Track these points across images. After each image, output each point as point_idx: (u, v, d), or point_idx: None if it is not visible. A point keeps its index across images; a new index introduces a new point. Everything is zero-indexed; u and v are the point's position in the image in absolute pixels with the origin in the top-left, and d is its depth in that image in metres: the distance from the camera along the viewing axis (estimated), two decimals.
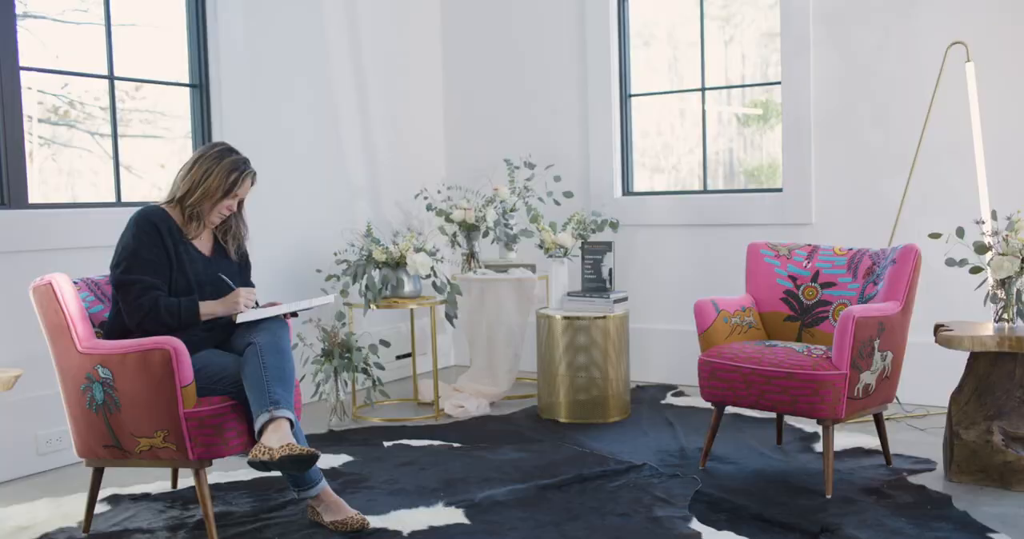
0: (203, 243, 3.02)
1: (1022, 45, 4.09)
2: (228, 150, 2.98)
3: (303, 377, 4.00)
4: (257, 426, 2.64)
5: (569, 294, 4.29)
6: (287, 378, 2.76)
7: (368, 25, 5.13)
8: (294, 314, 3.07)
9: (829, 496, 3.07)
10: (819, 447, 3.62)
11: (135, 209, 2.95)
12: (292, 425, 2.67)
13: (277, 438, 2.60)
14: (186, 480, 3.33)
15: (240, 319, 2.91)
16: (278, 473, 2.75)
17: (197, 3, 4.26)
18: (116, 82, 4.01)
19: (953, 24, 4.18)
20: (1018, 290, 3.25)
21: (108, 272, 2.93)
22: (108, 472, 3.07)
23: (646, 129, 5.30)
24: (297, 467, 2.60)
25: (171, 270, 2.87)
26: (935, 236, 3.41)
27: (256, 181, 3.01)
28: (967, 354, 3.27)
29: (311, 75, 4.78)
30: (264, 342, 2.80)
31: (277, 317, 2.97)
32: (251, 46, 4.42)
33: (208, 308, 2.88)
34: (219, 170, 2.91)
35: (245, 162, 2.98)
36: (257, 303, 3.05)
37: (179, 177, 2.96)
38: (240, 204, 3.04)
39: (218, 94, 4.29)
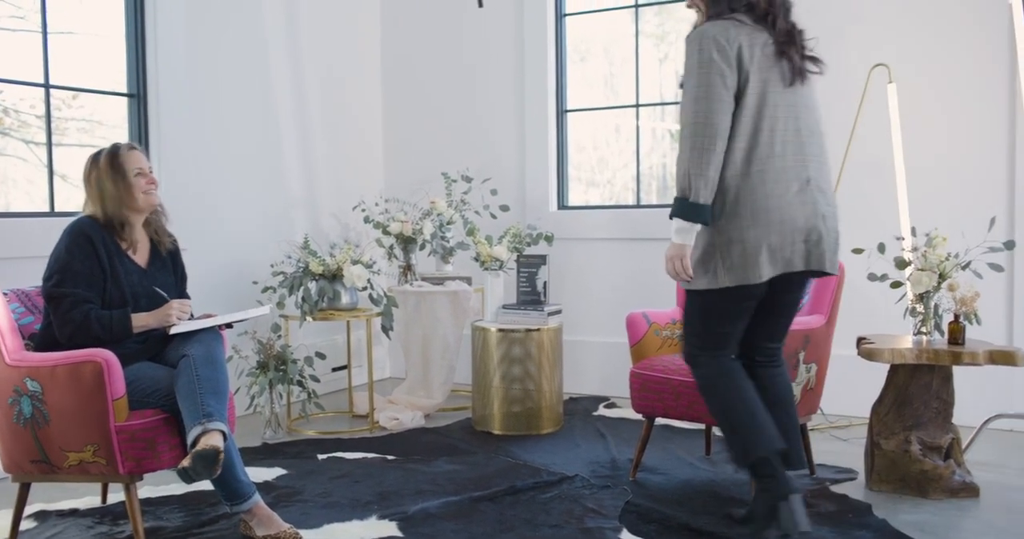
0: (139, 255, 3.00)
1: (940, 68, 4.26)
2: (97, 153, 2.99)
3: (238, 389, 3.97)
4: (190, 438, 2.63)
5: (504, 307, 4.33)
6: (221, 390, 2.75)
7: (308, 38, 5.13)
8: (229, 325, 3.06)
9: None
10: None
11: (69, 219, 2.93)
12: (225, 437, 2.66)
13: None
14: (116, 495, 3.28)
15: (174, 331, 2.90)
16: (207, 483, 2.73)
17: (136, 12, 4.22)
18: (53, 90, 3.95)
19: (877, 47, 4.33)
20: (936, 304, 3.38)
21: (40, 283, 2.90)
22: (35, 487, 3.01)
23: (582, 144, 5.38)
24: (204, 463, 2.55)
25: (105, 282, 2.85)
26: (858, 251, 3.52)
27: (140, 148, 3.04)
28: (888, 366, 3.39)
29: (250, 86, 4.77)
30: (198, 354, 2.79)
31: (212, 329, 2.96)
32: (190, 56, 4.39)
33: (141, 321, 2.86)
34: (102, 167, 2.93)
35: (114, 145, 3.00)
36: (192, 315, 3.03)
37: (86, 204, 2.98)
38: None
39: (156, 104, 4.25)
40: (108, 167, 2.93)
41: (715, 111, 2.59)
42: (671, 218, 2.68)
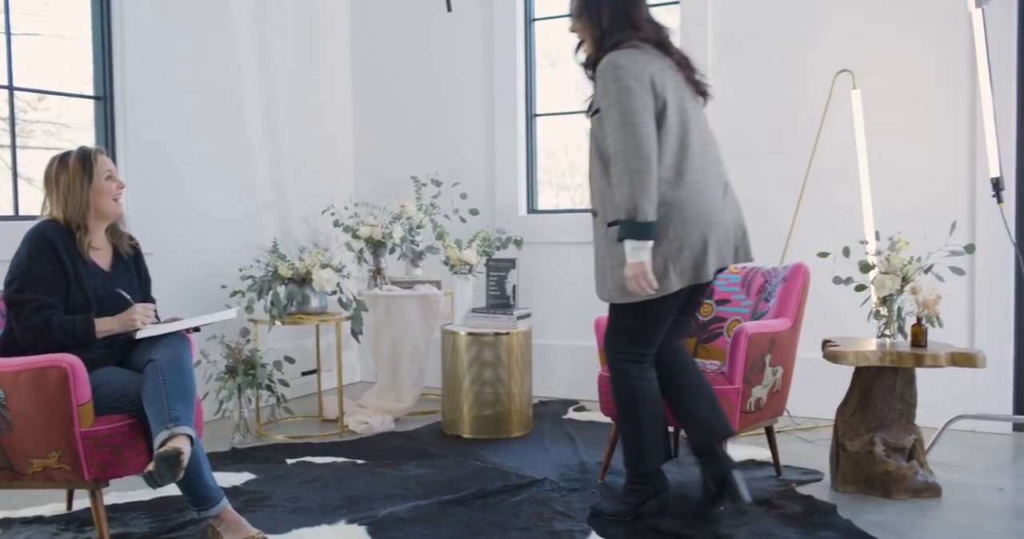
0: (102, 258, 2.98)
1: (903, 74, 4.32)
2: (64, 154, 2.96)
3: (206, 394, 3.95)
4: (156, 443, 2.60)
5: (473, 310, 4.34)
6: (188, 395, 2.74)
7: (277, 41, 5.11)
8: (196, 329, 3.04)
9: (723, 507, 3.18)
10: None
11: (34, 223, 2.91)
12: (192, 442, 2.65)
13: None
14: (82, 501, 3.25)
15: (140, 335, 2.88)
16: (174, 489, 2.71)
17: (103, 14, 4.19)
18: (17, 93, 3.91)
19: (841, 53, 4.39)
20: (899, 307, 3.43)
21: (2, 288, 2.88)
22: None
23: (553, 148, 5.40)
24: (168, 467, 2.54)
25: (68, 286, 2.83)
26: (823, 255, 3.57)
27: (108, 153, 3.03)
28: (852, 368, 3.43)
29: (219, 89, 4.75)
30: (165, 358, 2.78)
31: (179, 333, 2.94)
32: (158, 58, 4.37)
33: (104, 325, 2.84)
34: (71, 169, 2.91)
35: (83, 147, 2.98)
36: (158, 318, 3.01)
37: (46, 205, 2.95)
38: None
39: (123, 106, 4.23)
40: (79, 169, 2.91)
41: (643, 135, 2.76)
42: (621, 240, 2.82)
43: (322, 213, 5.02)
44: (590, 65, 3.03)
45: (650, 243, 2.80)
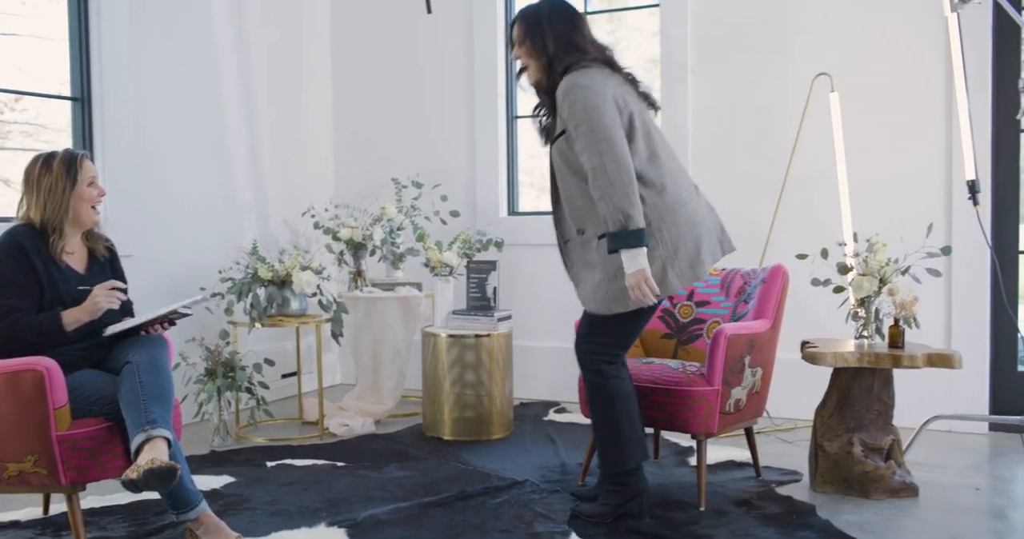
0: (77, 261, 2.96)
1: (881, 77, 4.36)
2: (49, 155, 2.94)
3: (185, 397, 3.93)
4: (133, 446, 2.59)
5: (454, 312, 4.34)
6: (165, 397, 2.72)
7: (257, 43, 5.09)
8: (172, 322, 3.02)
9: (702, 508, 3.19)
10: (694, 460, 3.75)
11: (8, 225, 2.88)
12: (170, 445, 2.63)
13: (150, 457, 2.55)
14: (58, 506, 3.23)
15: (109, 331, 2.87)
16: (155, 495, 2.70)
17: (80, 14, 4.16)
18: None
19: (820, 57, 4.42)
20: (876, 308, 3.46)
21: None
22: None
23: (533, 150, 5.40)
24: (160, 481, 2.53)
25: (43, 290, 2.81)
26: (802, 257, 3.59)
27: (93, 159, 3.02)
28: (831, 369, 3.45)
29: (198, 90, 4.72)
30: (142, 360, 2.76)
31: (157, 335, 2.93)
32: (135, 59, 4.34)
33: (71, 316, 2.80)
34: (56, 172, 2.88)
35: (69, 150, 2.96)
36: (131, 304, 2.99)
37: (23, 204, 2.92)
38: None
39: (100, 107, 4.20)
40: (63, 173, 2.89)
41: (618, 147, 2.83)
42: (613, 252, 2.87)
43: (302, 215, 5.00)
44: (544, 91, 3.10)
45: (644, 249, 2.84)
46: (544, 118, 3.19)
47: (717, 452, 3.86)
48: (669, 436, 4.11)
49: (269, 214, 5.18)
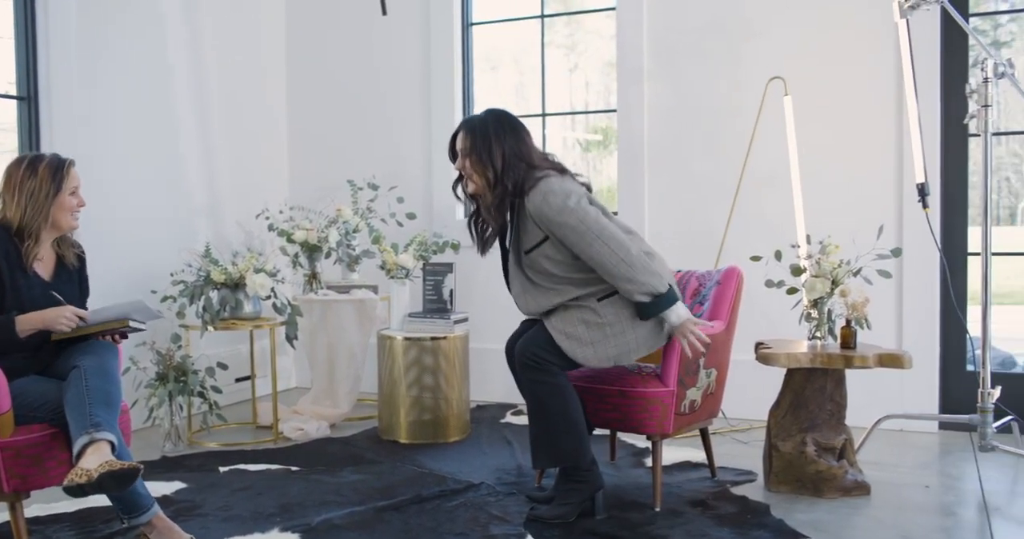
0: (44, 267, 2.91)
1: (833, 82, 4.41)
2: (35, 158, 2.89)
3: (135, 402, 3.86)
4: (76, 449, 2.52)
5: (410, 315, 4.31)
6: (112, 402, 2.66)
7: (210, 41, 5.03)
8: (123, 336, 2.97)
9: (658, 509, 3.20)
10: (650, 461, 3.75)
11: None
12: (114, 449, 2.57)
13: (96, 459, 2.48)
14: (1, 515, 3.15)
15: (56, 336, 2.81)
16: (100, 499, 2.64)
17: (27, 11, 4.08)
18: None
19: (774, 61, 4.46)
20: (829, 310, 3.49)
21: None
22: None
23: None
24: (118, 484, 2.48)
25: (4, 295, 2.75)
26: (756, 259, 3.62)
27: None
28: (784, 370, 3.48)
29: (149, 89, 4.65)
30: (90, 365, 2.70)
31: (107, 341, 2.87)
32: (85, 57, 4.26)
33: (27, 323, 2.75)
34: (41, 176, 2.83)
35: (56, 156, 2.92)
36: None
37: (1, 204, 2.86)
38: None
39: (47, 107, 4.11)
40: (48, 179, 2.84)
41: (615, 233, 3.01)
42: (652, 317, 3.05)
43: (256, 217, 4.95)
44: (490, 205, 3.15)
45: (680, 302, 3.06)
46: (482, 228, 3.31)
47: (673, 453, 3.87)
48: (625, 437, 4.12)
49: (222, 216, 5.11)
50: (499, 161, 3.08)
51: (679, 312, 3.05)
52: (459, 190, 3.31)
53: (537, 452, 3.13)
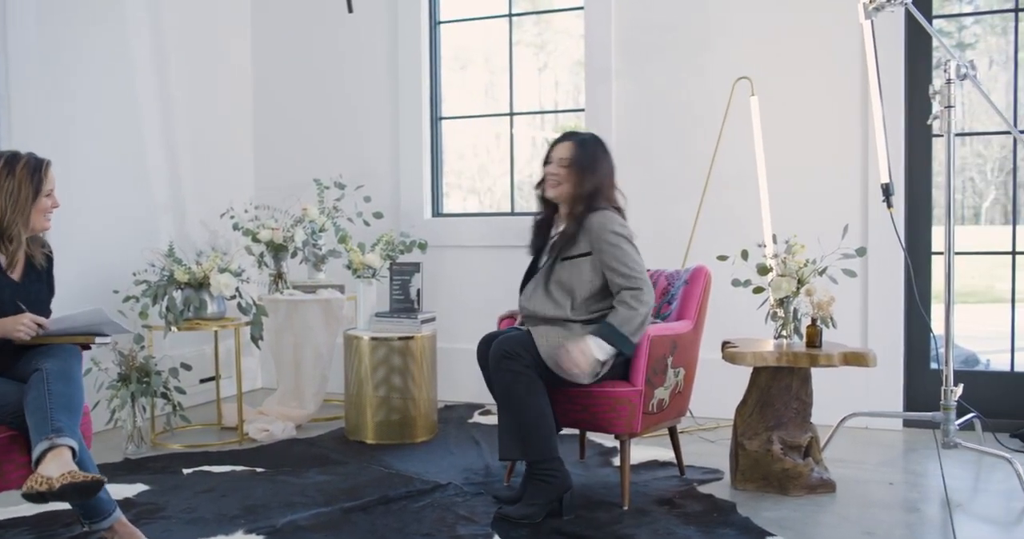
0: (15, 269, 2.84)
1: (799, 82, 4.44)
2: (11, 157, 2.82)
3: (97, 403, 3.80)
4: (35, 454, 2.48)
5: (377, 315, 4.29)
6: (74, 407, 2.62)
7: (175, 39, 4.97)
8: (86, 347, 2.92)
9: (626, 508, 3.20)
10: (618, 461, 3.76)
11: None
12: (75, 454, 2.53)
13: (57, 466, 2.44)
14: None
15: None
16: (60, 505, 2.60)
17: None
18: None
19: (740, 61, 4.49)
20: (795, 309, 3.51)
21: None
22: None
23: (462, 151, 5.38)
24: (81, 495, 2.45)
25: None
26: (723, 258, 3.63)
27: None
28: (751, 369, 3.50)
29: (111, 86, 4.58)
30: (52, 369, 2.65)
31: (70, 344, 2.82)
32: (46, 56, 4.19)
33: None
34: (19, 176, 2.77)
35: (33, 156, 2.85)
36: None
37: None
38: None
39: (6, 104, 4.03)
40: (26, 179, 2.77)
41: (649, 287, 3.23)
42: (607, 341, 3.12)
43: (221, 216, 4.89)
44: (569, 213, 3.32)
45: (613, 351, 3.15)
46: (546, 231, 3.43)
47: (641, 452, 3.88)
48: (593, 437, 4.12)
49: (186, 215, 5.05)
50: (593, 181, 3.27)
51: (603, 354, 3.12)
52: (538, 191, 3.44)
53: (505, 443, 3.14)
